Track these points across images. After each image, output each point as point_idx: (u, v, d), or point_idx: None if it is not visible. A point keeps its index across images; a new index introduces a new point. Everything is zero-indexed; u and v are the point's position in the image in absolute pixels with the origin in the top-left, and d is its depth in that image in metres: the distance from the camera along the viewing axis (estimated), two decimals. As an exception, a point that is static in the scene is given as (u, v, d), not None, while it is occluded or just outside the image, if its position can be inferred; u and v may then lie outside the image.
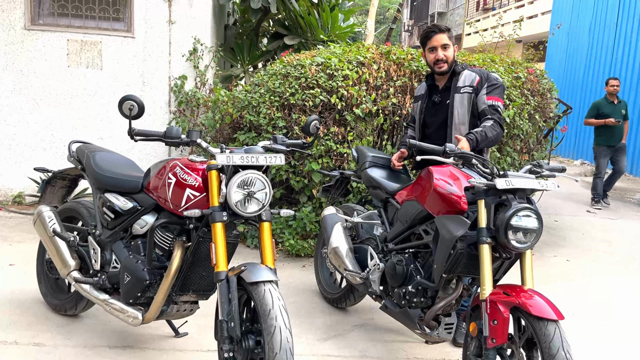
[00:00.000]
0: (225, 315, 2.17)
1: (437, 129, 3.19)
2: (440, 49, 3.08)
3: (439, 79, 3.23)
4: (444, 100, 3.17)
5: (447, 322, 2.67)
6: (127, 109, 2.30)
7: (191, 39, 5.56)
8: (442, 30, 3.10)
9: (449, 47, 3.09)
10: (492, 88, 3.08)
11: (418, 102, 3.34)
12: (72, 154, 3.07)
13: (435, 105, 3.22)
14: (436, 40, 3.08)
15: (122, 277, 2.59)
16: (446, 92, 3.18)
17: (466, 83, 3.10)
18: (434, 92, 3.24)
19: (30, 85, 5.46)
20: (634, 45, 10.75)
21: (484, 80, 3.09)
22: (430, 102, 3.24)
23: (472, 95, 3.08)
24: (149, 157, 5.53)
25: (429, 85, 3.27)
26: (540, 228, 2.30)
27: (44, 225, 2.98)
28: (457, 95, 3.11)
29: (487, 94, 3.07)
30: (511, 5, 18.38)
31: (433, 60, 3.11)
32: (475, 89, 3.08)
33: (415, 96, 3.41)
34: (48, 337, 2.91)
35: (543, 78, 5.28)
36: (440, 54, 3.08)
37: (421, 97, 3.31)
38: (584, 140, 12.42)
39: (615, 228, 6.17)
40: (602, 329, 3.47)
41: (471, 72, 3.15)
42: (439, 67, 3.11)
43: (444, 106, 3.17)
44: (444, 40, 3.08)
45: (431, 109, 3.24)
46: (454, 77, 3.14)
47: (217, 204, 2.27)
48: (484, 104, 3.06)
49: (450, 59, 3.10)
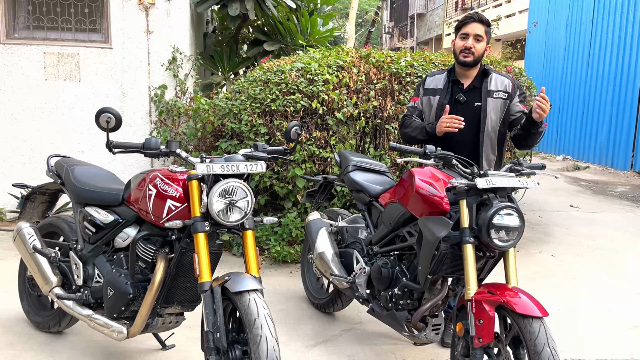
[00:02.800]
0: (211, 326, 2.15)
1: (466, 134, 2.88)
2: (472, 38, 2.87)
3: (462, 75, 2.97)
4: (472, 101, 2.92)
5: (434, 323, 2.68)
6: (104, 121, 2.28)
7: (170, 48, 5.53)
8: (482, 21, 2.89)
9: (482, 40, 2.88)
10: (524, 98, 2.96)
11: (435, 96, 3.00)
12: (51, 168, 3.03)
13: (459, 105, 2.94)
14: (471, 27, 2.87)
15: (105, 291, 2.55)
16: (473, 92, 2.95)
17: (499, 88, 2.91)
18: (457, 90, 2.97)
19: (8, 100, 5.38)
20: (610, 41, 10.93)
21: (516, 87, 2.94)
22: (454, 101, 2.95)
23: (507, 102, 2.91)
24: (131, 169, 5.48)
25: (452, 80, 2.98)
26: (522, 226, 2.32)
27: (24, 242, 2.94)
28: (491, 100, 2.91)
29: (520, 102, 2.92)
30: (489, 4, 18.59)
31: (461, 48, 2.88)
32: (510, 95, 2.91)
33: (427, 88, 3.05)
34: (31, 355, 2.86)
35: (522, 76, 5.33)
36: (470, 42, 2.86)
37: (439, 91, 3.00)
38: (566, 136, 12.59)
39: (598, 222, 6.24)
40: (588, 324, 3.50)
41: (502, 77, 2.97)
42: (464, 56, 2.88)
43: (471, 108, 2.92)
44: (478, 31, 2.87)
45: (453, 108, 2.92)
46: (485, 78, 2.94)
47: (198, 214, 2.25)
48: (518, 112, 2.91)
49: (479, 53, 2.88)
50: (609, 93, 10.85)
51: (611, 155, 10.74)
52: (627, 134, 10.25)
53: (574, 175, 10.09)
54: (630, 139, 10.18)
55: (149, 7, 5.47)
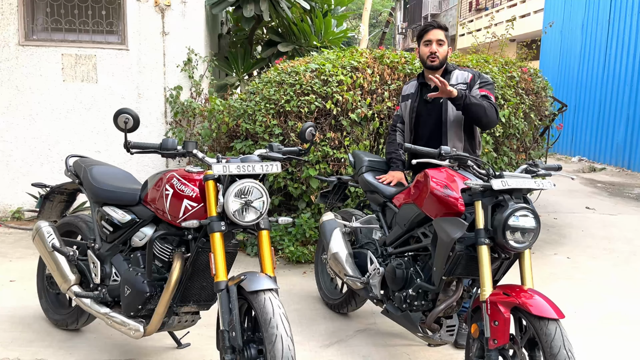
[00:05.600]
0: (227, 325, 2.17)
1: (432, 128, 3.17)
2: (435, 43, 3.10)
3: (430, 78, 3.17)
4: (437, 99, 3.13)
5: (448, 324, 2.67)
6: (122, 122, 2.31)
7: (185, 49, 5.58)
8: (441, 27, 3.14)
9: (443, 44, 3.12)
10: (484, 84, 3.12)
11: (407, 100, 3.30)
12: (69, 168, 3.08)
13: (428, 105, 3.19)
14: (433, 34, 3.11)
15: (123, 290, 2.59)
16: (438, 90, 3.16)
17: (459, 81, 3.11)
18: (426, 91, 3.19)
19: (26, 101, 5.47)
20: (626, 41, 10.79)
21: (476, 77, 3.13)
22: (422, 101, 3.21)
23: (466, 92, 3.06)
24: (147, 169, 5.53)
25: (420, 83, 3.25)
26: (537, 227, 2.31)
27: (43, 241, 2.98)
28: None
29: (479, 88, 3.10)
30: (504, 4, 18.45)
31: (427, 54, 3.13)
32: (469, 85, 3.10)
33: (403, 95, 3.36)
34: (50, 352, 2.90)
35: (537, 77, 5.30)
36: (434, 47, 3.10)
37: (411, 95, 3.28)
38: (581, 137, 12.46)
39: (614, 224, 6.17)
40: (604, 327, 3.47)
41: (463, 71, 3.17)
42: (431, 61, 3.11)
43: (436, 105, 3.15)
44: (440, 36, 3.11)
45: (423, 108, 3.21)
46: (446, 76, 3.15)
47: (215, 214, 2.28)
48: (478, 97, 3.06)
49: (443, 56, 3.12)
50: (626, 94, 10.72)
51: (628, 156, 10.60)
52: (645, 135, 10.12)
53: (590, 176, 9.98)
54: (647, 140, 10.05)
55: (164, 9, 5.52)
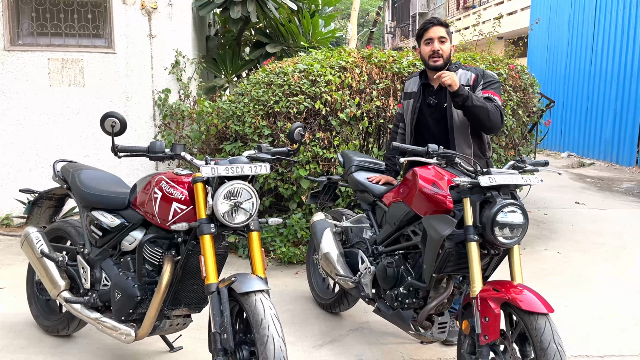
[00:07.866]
0: (218, 327, 2.17)
1: (437, 136, 2.98)
2: (437, 41, 2.91)
3: (433, 78, 2.99)
4: (441, 102, 2.98)
5: (440, 321, 2.68)
6: (109, 125, 2.31)
7: (173, 52, 5.56)
8: (441, 23, 2.96)
9: (446, 41, 2.93)
10: (489, 84, 2.95)
11: (410, 99, 3.11)
12: (57, 173, 3.06)
13: (431, 108, 3.03)
14: (433, 31, 2.92)
15: (113, 294, 2.58)
16: (442, 93, 2.98)
17: (462, 82, 2.90)
18: (428, 93, 3.05)
19: (13, 106, 5.43)
20: (613, 37, 10.90)
21: (480, 78, 2.96)
22: (425, 104, 3.05)
23: (469, 92, 2.89)
24: (137, 172, 5.50)
25: (423, 84, 3.07)
26: (526, 223, 2.32)
27: (32, 247, 2.96)
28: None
29: (482, 89, 2.93)
30: (491, 2, 18.55)
31: (428, 53, 2.93)
32: (472, 87, 2.93)
33: (406, 92, 3.17)
34: (42, 358, 2.88)
35: (524, 73, 5.33)
36: (436, 45, 2.90)
37: (413, 95, 3.09)
38: (570, 133, 12.55)
39: (604, 218, 6.22)
40: (594, 320, 3.50)
41: (466, 71, 2.99)
42: (434, 61, 2.92)
43: (440, 109, 2.99)
44: (441, 33, 2.91)
45: (426, 111, 3.04)
46: None
47: (204, 216, 2.27)
48: (482, 98, 2.91)
49: (446, 54, 2.93)
50: (613, 89, 10.82)
51: (616, 151, 10.71)
52: (632, 129, 10.21)
53: (579, 171, 10.06)
54: (635, 135, 10.15)
55: (151, 12, 5.50)
